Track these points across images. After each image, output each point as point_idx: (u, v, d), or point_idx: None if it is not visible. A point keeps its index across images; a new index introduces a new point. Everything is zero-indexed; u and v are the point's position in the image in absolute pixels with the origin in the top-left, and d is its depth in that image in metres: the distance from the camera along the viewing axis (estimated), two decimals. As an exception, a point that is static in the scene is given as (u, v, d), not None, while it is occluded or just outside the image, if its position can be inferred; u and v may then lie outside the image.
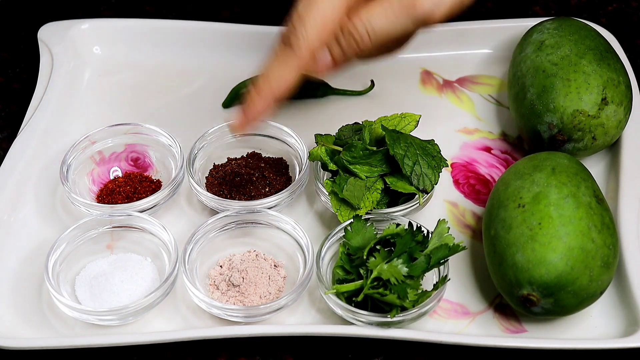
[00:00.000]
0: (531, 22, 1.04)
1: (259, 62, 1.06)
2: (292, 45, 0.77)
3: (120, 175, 0.97)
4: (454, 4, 0.79)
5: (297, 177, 0.94)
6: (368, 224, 0.86)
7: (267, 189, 0.93)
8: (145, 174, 0.97)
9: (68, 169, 0.94)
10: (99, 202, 0.94)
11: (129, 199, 0.93)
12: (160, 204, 0.93)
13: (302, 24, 0.76)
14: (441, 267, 0.85)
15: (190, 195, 0.95)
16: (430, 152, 0.90)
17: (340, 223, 0.88)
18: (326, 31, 0.77)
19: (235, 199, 0.92)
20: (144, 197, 0.92)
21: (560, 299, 0.81)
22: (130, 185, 0.95)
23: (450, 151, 0.99)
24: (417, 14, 0.78)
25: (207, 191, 0.93)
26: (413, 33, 0.80)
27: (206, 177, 0.96)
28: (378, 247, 0.84)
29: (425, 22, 0.79)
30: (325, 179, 0.93)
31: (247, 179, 0.94)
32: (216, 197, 0.92)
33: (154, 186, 0.95)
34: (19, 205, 0.94)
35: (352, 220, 0.86)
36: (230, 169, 0.95)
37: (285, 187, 0.93)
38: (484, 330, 0.86)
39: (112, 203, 0.93)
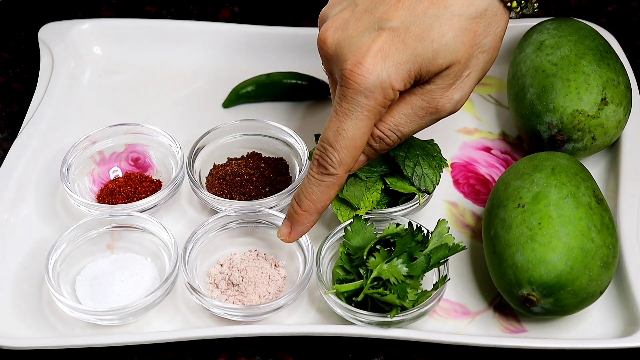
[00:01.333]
0: (531, 22, 1.04)
1: (259, 62, 1.07)
2: (329, 170, 0.82)
3: (121, 175, 0.97)
4: (470, 92, 0.84)
5: (297, 177, 0.94)
6: (368, 224, 0.86)
7: (267, 189, 0.93)
8: (145, 174, 0.97)
9: (68, 169, 0.94)
10: (99, 202, 0.94)
11: (129, 199, 0.93)
12: (161, 204, 0.93)
13: (336, 151, 0.81)
14: (441, 267, 0.85)
15: (191, 195, 0.95)
16: (430, 152, 0.90)
17: (340, 223, 0.88)
18: (358, 152, 0.82)
19: (235, 199, 0.93)
20: (144, 197, 0.92)
21: (560, 299, 0.81)
22: (131, 185, 0.95)
23: (450, 151, 0.99)
24: (440, 116, 0.84)
25: (207, 191, 0.93)
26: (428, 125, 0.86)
27: (206, 177, 0.96)
28: (378, 247, 0.84)
29: (447, 116, 0.84)
30: (325, 179, 0.93)
31: (247, 179, 0.94)
32: (216, 197, 0.92)
33: (154, 186, 0.95)
34: (19, 205, 0.94)
35: (352, 220, 0.86)
36: (231, 169, 0.95)
37: (285, 187, 0.93)
38: (484, 330, 0.86)
39: (113, 203, 0.93)
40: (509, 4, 0.83)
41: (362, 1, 0.82)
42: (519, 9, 0.84)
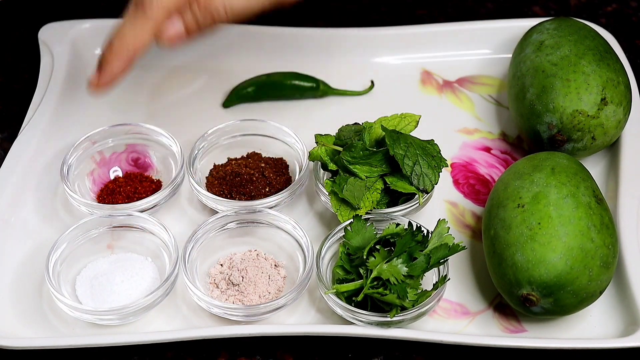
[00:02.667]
0: (531, 22, 1.04)
1: (259, 62, 1.08)
2: (145, 5, 0.77)
3: (121, 175, 0.97)
4: None
5: (297, 177, 0.94)
6: (368, 224, 0.86)
7: (267, 189, 0.93)
8: (145, 174, 0.97)
9: (69, 169, 0.94)
10: (99, 202, 0.94)
11: (130, 199, 0.93)
12: (161, 204, 0.93)
13: None
14: (441, 267, 0.85)
15: (191, 195, 0.96)
16: (430, 152, 0.90)
17: (340, 223, 0.88)
18: None
19: (235, 199, 0.93)
20: (144, 197, 0.92)
21: (560, 299, 0.81)
22: (131, 185, 0.95)
23: (450, 151, 0.99)
24: None
25: (208, 191, 0.93)
26: (268, 9, 0.80)
27: (206, 177, 0.96)
28: (378, 247, 0.84)
29: (282, 3, 0.80)
30: (325, 179, 0.93)
31: (247, 178, 0.94)
32: (216, 197, 0.92)
33: (154, 186, 0.95)
34: (19, 205, 0.94)
35: (352, 220, 0.86)
36: (231, 169, 0.95)
37: (285, 187, 0.93)
38: (484, 330, 0.86)
39: (113, 203, 0.93)
40: None
41: None
42: None
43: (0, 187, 0.94)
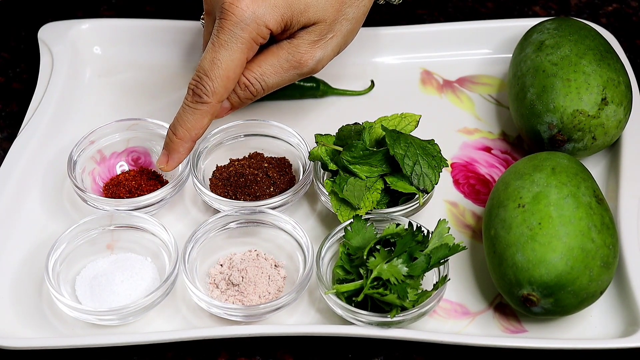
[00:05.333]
0: (531, 22, 1.04)
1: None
2: (204, 99, 0.89)
3: (127, 169, 0.97)
4: (333, 54, 0.94)
5: (301, 176, 0.94)
6: (368, 224, 0.86)
7: (271, 189, 0.93)
8: (151, 169, 0.97)
9: (74, 165, 0.94)
10: (105, 193, 0.94)
11: (132, 194, 0.93)
12: (167, 199, 0.92)
13: (210, 80, 0.88)
14: (441, 267, 0.85)
15: (194, 195, 0.95)
16: (430, 152, 0.90)
17: (340, 223, 0.88)
18: (231, 84, 0.89)
19: (240, 200, 0.92)
20: (146, 193, 0.92)
21: (560, 299, 0.81)
22: (136, 181, 0.95)
23: (450, 151, 0.99)
24: (302, 71, 0.92)
25: (212, 192, 0.93)
26: (298, 79, 0.95)
27: (210, 179, 0.96)
28: (378, 247, 0.84)
29: (309, 75, 0.94)
30: (325, 179, 0.93)
31: (251, 179, 0.94)
32: (223, 198, 0.91)
33: (160, 185, 0.95)
34: (18, 205, 0.94)
35: (352, 220, 0.86)
36: (234, 170, 0.95)
37: (289, 187, 0.93)
38: (484, 330, 0.86)
39: (117, 196, 0.93)
40: None
41: None
42: None
43: (0, 188, 0.94)
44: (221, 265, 0.89)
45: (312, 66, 0.92)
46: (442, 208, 0.95)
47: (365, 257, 0.83)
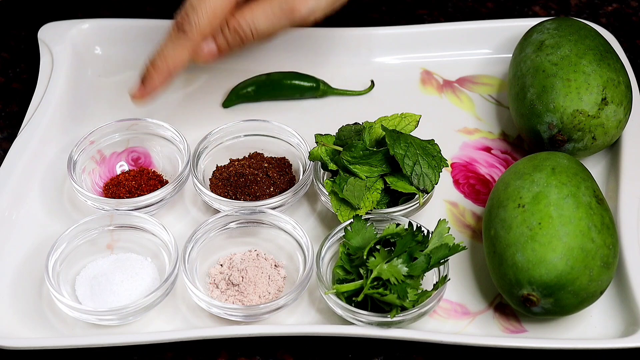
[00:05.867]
0: (531, 22, 1.04)
1: (259, 62, 1.07)
2: (186, 30, 0.88)
3: (127, 169, 0.97)
4: (327, 8, 0.92)
5: (301, 176, 0.94)
6: (368, 224, 0.86)
7: (271, 189, 0.93)
8: (151, 169, 0.97)
9: (74, 165, 0.94)
10: (105, 192, 0.94)
11: (131, 194, 0.93)
12: (167, 199, 0.92)
13: (195, 13, 0.88)
14: (441, 267, 0.85)
15: (194, 195, 0.95)
16: (430, 152, 0.90)
17: (340, 223, 0.88)
18: (216, 20, 0.88)
19: (240, 200, 0.92)
20: (146, 193, 0.92)
21: (560, 299, 0.81)
22: (136, 181, 0.95)
23: (450, 151, 0.99)
24: (294, 18, 0.90)
25: (212, 192, 0.93)
26: (289, 29, 0.92)
27: (210, 179, 0.96)
28: (378, 247, 0.84)
29: (301, 24, 0.91)
30: (325, 179, 0.93)
31: (251, 179, 0.94)
32: (223, 198, 0.91)
33: (160, 185, 0.95)
34: (18, 205, 0.94)
35: (352, 220, 0.86)
36: (234, 170, 0.95)
37: (289, 187, 0.93)
38: (484, 330, 0.86)
39: (117, 196, 0.93)
40: None
41: None
42: None
43: (0, 188, 0.94)
44: (221, 265, 0.89)
45: (304, 14, 0.90)
46: (442, 208, 0.95)
47: (365, 257, 0.83)
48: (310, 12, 0.91)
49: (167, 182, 0.96)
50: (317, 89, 1.05)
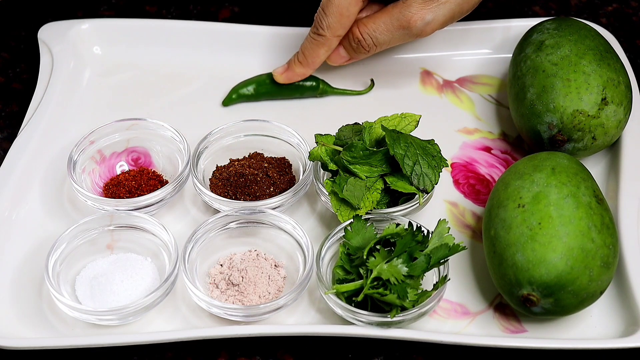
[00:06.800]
0: (531, 22, 1.04)
1: (259, 62, 1.08)
2: (319, 31, 0.98)
3: (127, 169, 0.97)
4: (444, 21, 0.97)
5: (301, 176, 0.94)
6: (368, 224, 0.86)
7: (271, 189, 0.93)
8: (151, 169, 0.97)
9: (75, 165, 0.94)
10: (105, 192, 0.94)
11: (131, 194, 0.93)
12: (167, 199, 0.92)
13: (325, 17, 0.98)
14: (441, 267, 0.85)
15: (194, 195, 0.95)
16: (430, 152, 0.90)
17: (340, 223, 0.88)
18: (345, 20, 0.98)
19: (240, 200, 0.92)
20: (146, 193, 0.92)
21: (560, 299, 0.81)
22: (136, 181, 0.95)
23: (450, 151, 0.99)
24: (411, 32, 0.97)
25: (212, 192, 0.93)
26: (409, 40, 0.99)
27: (210, 179, 0.96)
28: (378, 247, 0.84)
29: (418, 36, 0.97)
30: (325, 179, 0.93)
31: (251, 179, 0.94)
32: (223, 198, 0.91)
33: (160, 185, 0.95)
34: (18, 205, 0.94)
35: (352, 220, 0.86)
36: (234, 170, 0.95)
37: (289, 187, 0.93)
38: (484, 330, 0.86)
39: (117, 196, 0.93)
40: None
41: None
42: None
43: (0, 188, 0.94)
44: (221, 265, 0.89)
45: (421, 27, 0.96)
46: (442, 208, 0.95)
47: (365, 257, 0.83)
48: (426, 25, 0.96)
49: (167, 182, 0.96)
50: (317, 88, 1.05)
